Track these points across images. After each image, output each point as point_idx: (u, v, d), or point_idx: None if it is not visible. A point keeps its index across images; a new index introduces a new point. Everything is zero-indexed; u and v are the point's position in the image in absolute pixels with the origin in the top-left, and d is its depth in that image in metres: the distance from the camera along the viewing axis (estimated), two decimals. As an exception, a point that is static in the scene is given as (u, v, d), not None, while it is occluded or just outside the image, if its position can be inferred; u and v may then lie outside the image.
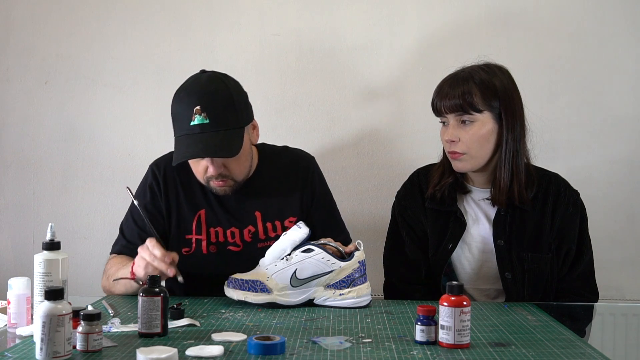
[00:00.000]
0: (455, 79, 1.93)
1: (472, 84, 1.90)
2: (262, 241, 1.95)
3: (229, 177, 1.90)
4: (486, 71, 1.93)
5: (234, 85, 1.93)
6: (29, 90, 2.56)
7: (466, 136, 1.90)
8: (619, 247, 2.48)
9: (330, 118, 2.53)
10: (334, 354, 1.36)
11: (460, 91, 1.89)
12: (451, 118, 1.92)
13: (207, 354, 1.33)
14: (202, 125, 1.82)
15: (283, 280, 1.72)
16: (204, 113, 1.82)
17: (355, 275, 1.74)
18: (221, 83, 1.90)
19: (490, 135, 1.91)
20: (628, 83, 2.49)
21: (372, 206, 2.52)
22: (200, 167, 1.90)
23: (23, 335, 1.50)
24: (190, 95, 1.86)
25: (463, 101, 1.88)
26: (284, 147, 2.11)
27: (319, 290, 1.73)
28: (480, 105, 1.89)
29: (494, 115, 1.91)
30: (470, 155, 1.92)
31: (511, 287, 1.94)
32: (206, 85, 1.88)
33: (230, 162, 1.89)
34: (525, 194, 1.93)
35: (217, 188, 1.92)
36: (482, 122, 1.90)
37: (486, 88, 1.90)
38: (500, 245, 1.95)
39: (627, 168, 2.50)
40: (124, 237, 2.01)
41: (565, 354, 1.38)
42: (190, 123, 1.83)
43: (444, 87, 1.94)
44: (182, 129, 1.86)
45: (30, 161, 2.57)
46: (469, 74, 1.92)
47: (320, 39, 2.52)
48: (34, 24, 2.55)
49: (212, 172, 1.88)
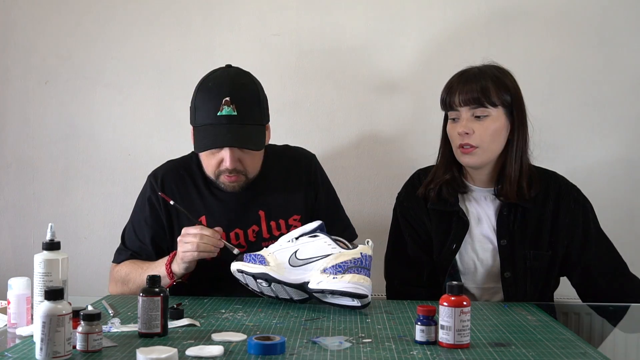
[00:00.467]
0: (469, 75, 1.95)
1: (488, 79, 1.93)
2: (266, 240, 1.95)
3: (242, 172, 1.90)
4: (498, 69, 1.97)
5: (259, 84, 1.95)
6: (29, 90, 2.56)
7: (480, 129, 1.91)
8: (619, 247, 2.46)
9: (330, 118, 2.53)
10: (334, 354, 1.36)
11: (477, 86, 1.91)
12: (464, 112, 1.93)
13: (207, 354, 1.33)
14: (230, 116, 1.83)
15: (282, 258, 1.73)
16: (233, 105, 1.83)
17: (353, 264, 1.70)
18: (249, 79, 1.93)
19: (503, 130, 1.93)
20: (628, 83, 2.50)
21: (372, 206, 2.52)
22: (214, 160, 1.89)
23: (23, 335, 1.50)
24: (220, 86, 1.87)
25: (481, 94, 1.90)
26: (284, 146, 2.12)
27: (314, 275, 1.70)
28: (496, 100, 1.91)
29: (506, 112, 1.93)
30: (482, 149, 1.93)
31: (510, 286, 1.94)
32: (236, 78, 1.90)
33: (246, 158, 1.89)
34: (528, 190, 1.94)
35: (227, 183, 1.92)
36: (495, 117, 1.92)
37: (500, 84, 1.93)
38: (503, 245, 1.95)
39: (627, 168, 2.50)
40: (127, 247, 2.00)
41: (565, 354, 1.38)
42: (218, 113, 1.83)
43: (455, 82, 1.96)
44: (207, 118, 1.86)
45: (30, 161, 2.57)
46: (483, 71, 1.95)
47: (320, 39, 2.52)
48: (34, 24, 2.55)
49: (227, 165, 1.87)
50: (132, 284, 1.90)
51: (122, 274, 1.94)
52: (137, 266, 1.92)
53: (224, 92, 1.85)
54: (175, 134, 2.51)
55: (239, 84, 1.88)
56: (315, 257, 1.72)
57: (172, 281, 1.84)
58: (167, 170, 2.02)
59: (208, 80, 1.92)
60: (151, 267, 1.88)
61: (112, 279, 1.97)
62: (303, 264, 1.72)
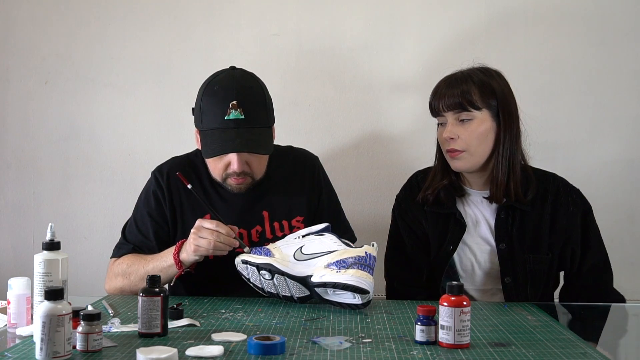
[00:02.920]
0: (453, 79, 1.95)
1: (471, 83, 1.92)
2: (269, 241, 1.95)
3: (250, 174, 1.90)
4: (484, 72, 1.96)
5: (264, 85, 1.95)
6: (29, 90, 2.56)
7: (465, 133, 1.91)
8: (619, 247, 2.48)
9: (330, 118, 2.53)
10: (334, 354, 1.36)
11: (459, 90, 1.91)
12: (449, 116, 1.93)
13: (207, 354, 1.33)
14: (238, 120, 1.83)
15: (288, 252, 1.74)
16: (240, 108, 1.83)
17: (356, 261, 1.69)
18: (255, 81, 1.93)
19: (489, 132, 1.92)
20: (628, 83, 2.50)
21: (372, 206, 2.52)
22: (221, 163, 1.89)
23: (23, 335, 1.50)
24: (226, 89, 1.86)
25: (462, 99, 1.90)
26: (288, 147, 2.12)
27: (318, 269, 1.70)
28: (479, 103, 1.91)
29: (492, 114, 1.93)
30: (469, 153, 1.93)
31: (511, 291, 1.94)
32: (241, 81, 1.90)
33: (253, 161, 1.90)
34: (520, 192, 1.94)
35: (235, 185, 1.92)
36: (480, 119, 1.91)
37: (484, 87, 1.92)
38: (502, 249, 1.95)
39: (627, 168, 2.50)
40: (128, 241, 1.99)
41: (565, 354, 1.38)
42: (225, 117, 1.84)
43: (441, 87, 1.96)
44: (214, 122, 1.86)
45: (30, 161, 2.57)
46: (467, 75, 1.95)
47: (320, 39, 2.52)
48: (34, 23, 2.55)
49: (235, 169, 1.87)
50: (134, 276, 1.88)
51: (124, 266, 1.91)
52: (140, 258, 1.91)
53: (230, 96, 1.84)
54: (175, 134, 2.51)
55: (245, 87, 1.88)
56: (320, 252, 1.72)
57: (180, 271, 1.83)
58: (173, 166, 2.02)
59: (213, 83, 1.91)
60: (156, 257, 1.87)
61: (111, 274, 1.94)
62: (308, 258, 1.72)
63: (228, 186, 1.93)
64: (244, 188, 1.93)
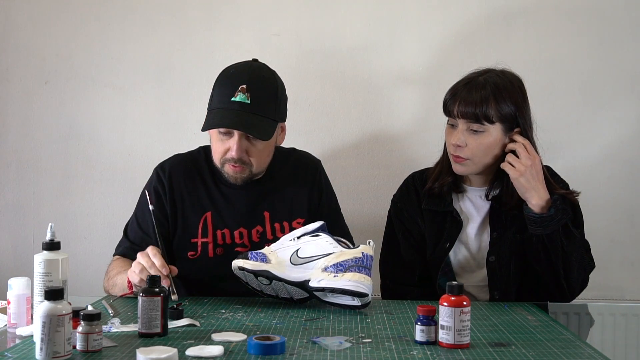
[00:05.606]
0: (474, 83, 1.93)
1: (490, 93, 1.90)
2: (270, 242, 1.94)
3: (247, 164, 1.90)
4: (504, 82, 1.93)
5: (281, 82, 1.97)
6: (29, 90, 2.56)
7: (474, 144, 1.92)
8: (619, 247, 2.48)
9: (330, 118, 2.53)
10: (334, 354, 1.36)
11: (477, 98, 1.89)
12: (461, 123, 1.93)
13: (207, 354, 1.33)
14: (243, 104, 1.84)
15: (284, 256, 1.73)
16: (247, 93, 1.84)
17: (354, 263, 1.69)
18: (271, 74, 1.94)
19: (497, 145, 1.93)
20: (628, 83, 2.49)
21: (372, 206, 2.52)
22: (222, 147, 1.89)
23: (23, 335, 1.50)
24: (240, 74, 1.89)
25: (479, 111, 1.89)
26: (291, 149, 2.12)
27: (315, 273, 1.70)
28: (494, 117, 1.90)
29: (503, 128, 1.93)
30: (473, 162, 1.94)
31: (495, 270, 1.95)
32: (257, 70, 1.92)
33: (253, 150, 1.89)
34: None
35: (231, 173, 1.91)
36: (490, 132, 1.92)
37: (502, 101, 1.90)
38: (494, 237, 1.97)
39: (627, 168, 2.50)
40: (128, 239, 2.00)
41: (565, 354, 1.38)
42: (232, 98, 1.84)
43: (459, 89, 1.94)
44: (220, 102, 1.87)
45: (30, 161, 2.56)
46: (488, 83, 1.92)
47: (320, 39, 2.52)
48: (34, 24, 2.55)
49: (233, 154, 1.87)
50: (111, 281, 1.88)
51: (110, 267, 1.94)
52: (124, 263, 1.90)
53: (242, 80, 1.86)
54: (176, 134, 2.51)
55: (258, 76, 1.90)
56: (317, 255, 1.72)
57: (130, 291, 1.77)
58: (175, 164, 2.02)
59: (230, 67, 1.94)
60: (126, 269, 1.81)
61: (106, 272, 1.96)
62: (304, 262, 1.72)
63: (225, 174, 1.93)
64: (240, 179, 1.92)
